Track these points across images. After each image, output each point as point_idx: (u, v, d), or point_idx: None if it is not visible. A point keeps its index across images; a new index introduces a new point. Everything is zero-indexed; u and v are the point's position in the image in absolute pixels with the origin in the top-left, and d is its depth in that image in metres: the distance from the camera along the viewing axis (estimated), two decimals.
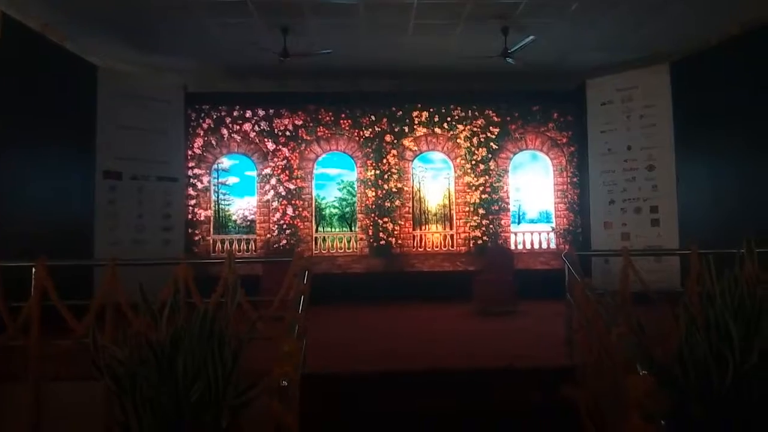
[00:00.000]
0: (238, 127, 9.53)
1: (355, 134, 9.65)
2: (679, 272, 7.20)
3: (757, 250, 3.20)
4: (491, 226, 9.60)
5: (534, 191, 9.85)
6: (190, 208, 9.29)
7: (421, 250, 9.66)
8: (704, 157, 7.67)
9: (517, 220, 9.82)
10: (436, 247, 9.70)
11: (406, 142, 9.69)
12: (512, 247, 9.52)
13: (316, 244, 9.59)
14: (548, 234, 9.74)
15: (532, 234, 9.79)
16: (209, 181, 9.47)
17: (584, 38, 7.69)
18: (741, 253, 3.20)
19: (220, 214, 9.56)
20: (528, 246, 9.71)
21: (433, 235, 9.78)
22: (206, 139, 9.47)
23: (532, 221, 9.87)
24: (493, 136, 9.69)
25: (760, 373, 2.62)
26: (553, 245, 9.61)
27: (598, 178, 8.92)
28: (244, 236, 9.54)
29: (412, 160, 9.74)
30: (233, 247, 9.31)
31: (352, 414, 3.80)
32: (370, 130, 9.65)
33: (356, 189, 9.70)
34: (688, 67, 7.96)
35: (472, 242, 9.59)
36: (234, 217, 9.61)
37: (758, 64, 6.80)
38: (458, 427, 3.67)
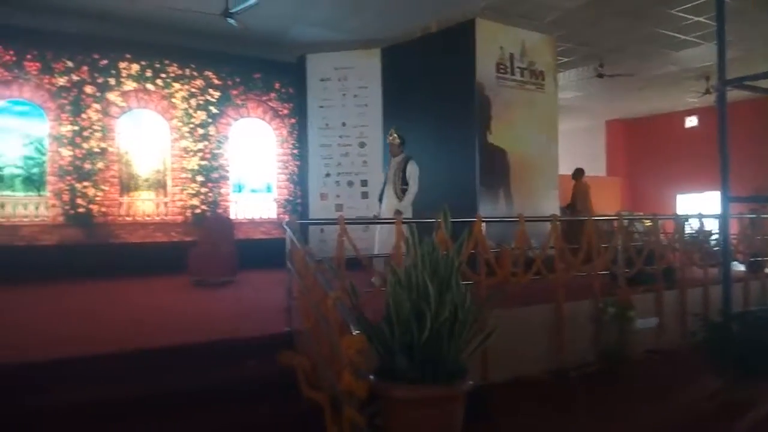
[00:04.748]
0: None
1: (46, 81, 8.10)
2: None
3: (450, 220, 3.68)
4: (210, 194, 9.20)
5: (256, 161, 9.75)
6: None
7: (130, 219, 8.73)
8: (407, 138, 8.61)
9: (238, 189, 9.60)
10: (148, 216, 8.88)
11: (112, 96, 8.55)
12: (232, 216, 9.30)
13: None
14: (269, 204, 9.80)
15: (253, 204, 9.71)
16: None
17: (306, 13, 7.83)
18: (437, 222, 3.64)
19: None
20: (249, 216, 9.61)
21: (144, 202, 8.92)
22: None
23: (253, 191, 9.77)
24: (214, 100, 9.24)
25: (450, 324, 3.02)
26: (273, 215, 9.70)
27: (317, 151, 9.30)
28: None
29: (119, 117, 8.66)
30: None
31: (36, 410, 3.19)
32: (66, 77, 8.23)
33: (47, 146, 8.20)
34: (396, 54, 8.79)
35: (189, 211, 9.05)
36: None
37: (449, 57, 7.88)
38: (174, 408, 3.39)
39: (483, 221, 4.99)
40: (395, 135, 6.80)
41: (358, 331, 2.90)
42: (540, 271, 5.11)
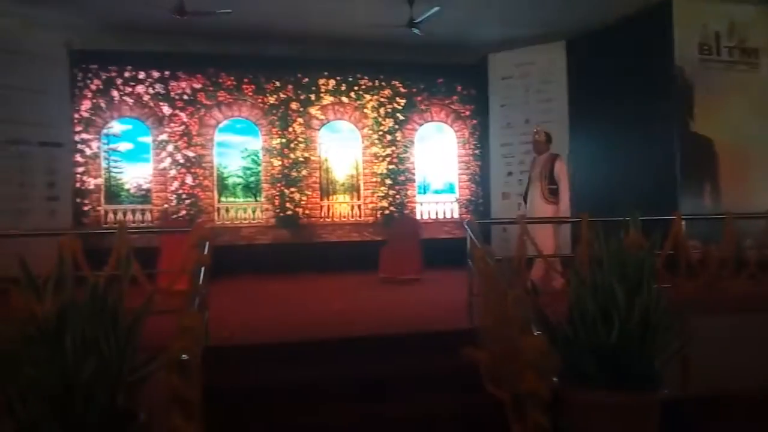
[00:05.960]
0: (130, 90, 8.87)
1: (259, 100, 9.31)
2: (569, 239, 7.69)
3: (639, 218, 3.47)
4: (398, 196, 9.73)
5: (439, 162, 10.06)
6: (78, 176, 8.61)
7: (329, 220, 9.61)
8: (595, 132, 8.18)
9: (422, 191, 10.00)
10: (344, 217, 9.69)
11: (313, 110, 9.50)
12: (418, 217, 9.71)
13: (218, 214, 9.25)
14: (452, 204, 10.03)
15: (436, 204, 10.02)
16: (99, 147, 8.79)
17: (486, 13, 7.85)
18: (626, 221, 3.46)
19: (112, 183, 8.92)
20: (433, 216, 9.94)
21: (341, 205, 9.74)
22: (95, 101, 8.75)
23: (437, 192, 10.10)
24: (400, 107, 9.75)
25: (641, 329, 2.86)
26: (456, 215, 9.91)
27: (498, 150, 9.28)
28: (139, 206, 8.99)
29: (319, 129, 9.59)
30: (127, 217, 8.76)
31: (259, 386, 3.74)
32: (275, 96, 9.36)
33: (261, 158, 9.42)
34: (583, 46, 8.38)
35: (379, 212, 9.67)
36: (127, 186, 9.01)
37: (643, 42, 7.29)
38: (366, 392, 3.72)
39: (683, 219, 4.58)
40: (541, 131, 6.54)
41: (539, 332, 2.91)
42: (754, 275, 4.53)
